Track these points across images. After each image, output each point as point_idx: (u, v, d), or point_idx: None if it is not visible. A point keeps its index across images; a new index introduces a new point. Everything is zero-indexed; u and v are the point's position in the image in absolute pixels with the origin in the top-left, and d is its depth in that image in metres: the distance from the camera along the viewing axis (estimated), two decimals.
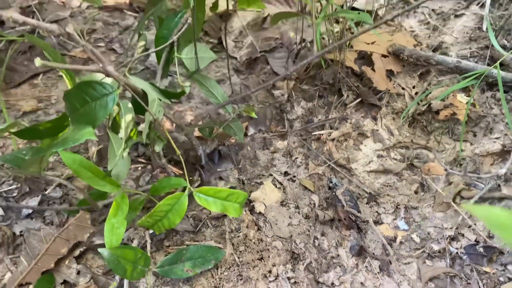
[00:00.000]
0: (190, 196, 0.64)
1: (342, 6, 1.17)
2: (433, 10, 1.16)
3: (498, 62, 0.91)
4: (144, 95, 0.65)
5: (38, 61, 0.45)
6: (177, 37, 0.64)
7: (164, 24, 0.65)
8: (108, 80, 0.70)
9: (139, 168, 0.87)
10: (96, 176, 0.63)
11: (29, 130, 0.64)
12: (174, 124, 0.96)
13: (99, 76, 0.71)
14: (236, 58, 1.14)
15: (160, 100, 0.65)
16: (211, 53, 0.72)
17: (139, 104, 0.62)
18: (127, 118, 0.67)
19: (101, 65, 0.56)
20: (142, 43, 0.69)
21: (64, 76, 0.69)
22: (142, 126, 0.91)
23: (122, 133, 0.68)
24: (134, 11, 1.25)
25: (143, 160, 0.89)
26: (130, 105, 0.67)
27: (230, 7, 1.23)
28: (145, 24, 1.24)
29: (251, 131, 0.95)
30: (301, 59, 1.07)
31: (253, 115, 0.84)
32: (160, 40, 0.66)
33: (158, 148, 0.73)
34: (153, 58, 1.08)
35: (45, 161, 0.63)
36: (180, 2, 1.20)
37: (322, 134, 0.93)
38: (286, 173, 0.87)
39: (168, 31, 0.65)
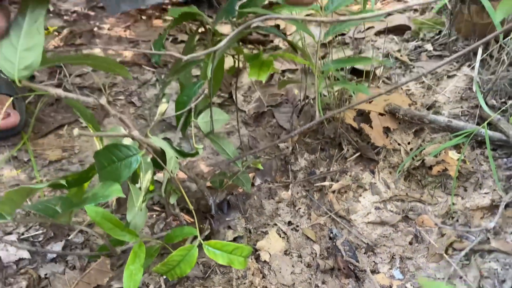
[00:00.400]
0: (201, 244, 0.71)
1: (342, 68, 1.27)
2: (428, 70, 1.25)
3: (486, 122, 0.99)
4: (162, 153, 0.74)
5: (76, 131, 0.53)
6: (195, 104, 0.73)
7: (185, 91, 0.75)
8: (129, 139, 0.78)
9: (154, 215, 0.95)
10: (117, 227, 0.70)
11: (59, 181, 0.72)
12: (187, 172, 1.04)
13: (120, 130, 0.80)
14: (244, 112, 1.23)
15: (176, 157, 0.74)
16: (225, 114, 0.81)
17: (157, 162, 0.71)
18: (147, 172, 0.75)
19: (127, 130, 0.64)
20: (164, 106, 0.78)
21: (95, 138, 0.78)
22: (158, 176, 1.00)
23: (140, 184, 0.76)
24: (152, 66, 1.36)
25: (157, 208, 0.96)
26: (149, 160, 0.75)
27: (240, 65, 1.33)
28: (161, 78, 1.35)
29: (257, 181, 1.03)
30: (304, 115, 1.16)
31: (260, 166, 0.92)
32: (180, 105, 0.75)
33: (172, 200, 0.80)
34: (169, 111, 1.18)
35: (74, 212, 0.70)
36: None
37: (324, 186, 1.01)
38: (289, 223, 0.94)
39: (188, 98, 0.74)
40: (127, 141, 0.73)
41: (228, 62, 1.07)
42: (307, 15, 1.55)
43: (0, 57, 0.52)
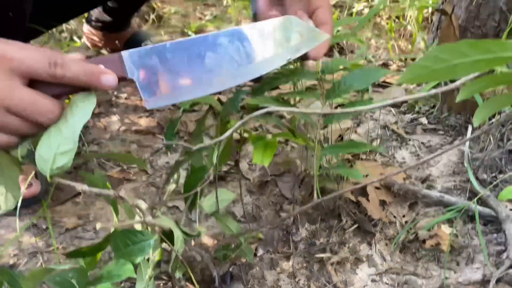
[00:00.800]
0: None
1: (342, 138, 1.35)
2: (422, 143, 1.33)
3: (476, 198, 1.05)
4: (171, 231, 0.81)
5: (98, 225, 0.61)
6: (201, 188, 0.81)
7: (193, 175, 0.83)
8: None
9: (161, 284, 1.00)
10: None
11: (76, 251, 0.80)
12: (193, 243, 1.10)
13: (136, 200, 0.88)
14: (249, 180, 1.31)
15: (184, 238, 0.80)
16: (230, 194, 0.89)
17: (166, 236, 0.77)
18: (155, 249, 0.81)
19: (142, 217, 0.72)
20: (173, 186, 0.86)
21: (113, 210, 0.86)
22: (165, 244, 1.06)
23: (149, 256, 0.83)
24: (165, 135, 1.46)
25: (164, 277, 1.02)
26: (157, 236, 0.82)
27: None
28: (172, 146, 1.44)
29: (260, 251, 1.08)
30: (305, 185, 1.24)
31: (261, 236, 0.98)
32: (188, 188, 0.83)
33: (178, 274, 0.86)
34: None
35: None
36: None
37: (323, 257, 1.06)
38: None
39: (195, 181, 0.82)
40: (139, 224, 0.80)
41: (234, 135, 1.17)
42: (311, 86, 1.66)
43: (38, 156, 0.61)
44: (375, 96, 1.56)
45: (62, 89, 0.59)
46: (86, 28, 1.78)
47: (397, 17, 2.12)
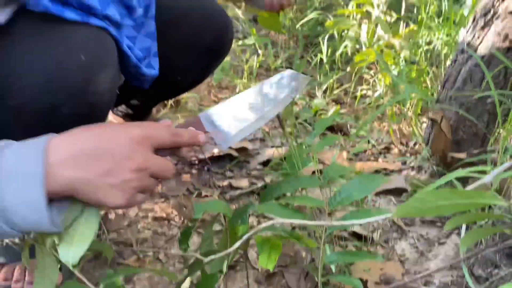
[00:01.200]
0: None
1: (345, 229, 1.43)
2: (421, 235, 1.40)
3: None
4: None
5: None
6: None
7: (203, 283, 0.92)
8: None
9: None
10: None
11: None
12: None
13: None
14: (258, 270, 1.38)
15: None
16: None
17: None
18: None
19: None
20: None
21: None
22: None
23: None
24: (178, 221, 1.56)
25: None
26: None
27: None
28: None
29: None
30: (310, 278, 1.31)
31: None
32: None
33: None
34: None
35: None
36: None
37: None
38: None
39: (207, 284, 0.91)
40: None
41: None
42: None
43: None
44: None
45: (169, 152, 0.77)
46: (109, 115, 1.95)
47: (398, 102, 2.25)
